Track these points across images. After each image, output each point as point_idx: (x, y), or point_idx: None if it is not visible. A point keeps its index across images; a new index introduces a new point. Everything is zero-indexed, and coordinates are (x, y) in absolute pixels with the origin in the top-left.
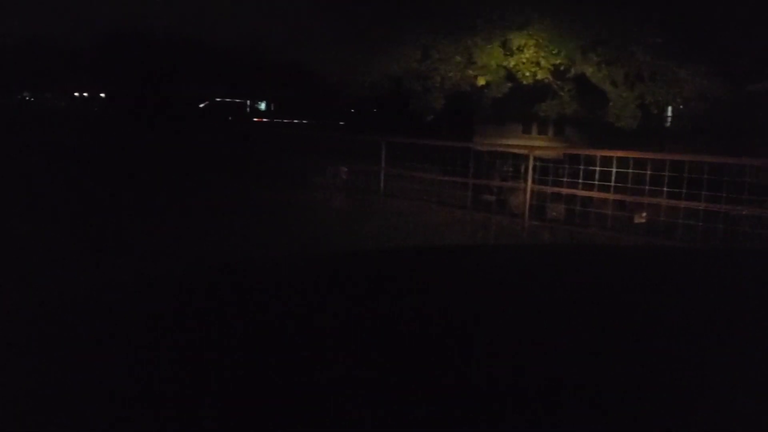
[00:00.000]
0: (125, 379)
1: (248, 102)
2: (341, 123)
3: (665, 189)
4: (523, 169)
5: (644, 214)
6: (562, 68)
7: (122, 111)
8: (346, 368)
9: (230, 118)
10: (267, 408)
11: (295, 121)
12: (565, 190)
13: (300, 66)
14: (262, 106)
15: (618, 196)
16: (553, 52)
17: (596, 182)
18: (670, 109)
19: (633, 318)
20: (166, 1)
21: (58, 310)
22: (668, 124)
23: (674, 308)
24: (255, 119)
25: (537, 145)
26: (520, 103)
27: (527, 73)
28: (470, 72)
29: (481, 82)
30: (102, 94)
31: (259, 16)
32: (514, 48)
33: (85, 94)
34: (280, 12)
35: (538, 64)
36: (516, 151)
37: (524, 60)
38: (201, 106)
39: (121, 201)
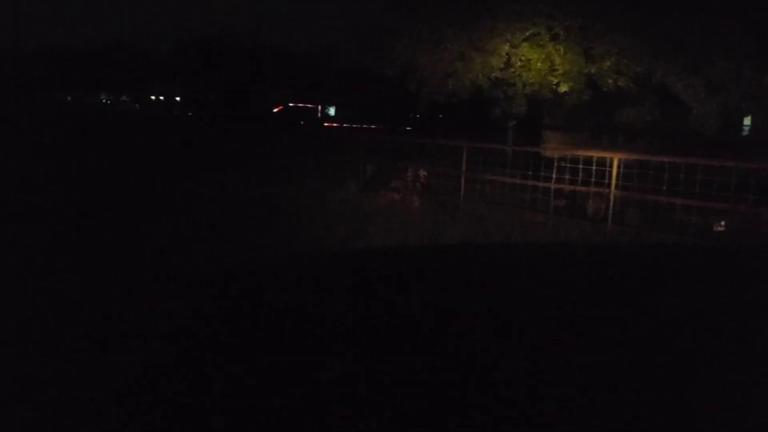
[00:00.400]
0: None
1: (319, 107)
2: (408, 128)
3: (750, 197)
4: (605, 175)
5: (723, 223)
6: (643, 75)
7: (199, 115)
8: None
9: (302, 122)
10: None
11: (364, 125)
12: (648, 197)
13: (369, 72)
14: (332, 111)
15: (699, 203)
16: (635, 59)
17: (671, 188)
18: (748, 118)
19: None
20: (241, 10)
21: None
22: (746, 132)
23: None
24: (326, 124)
25: (608, 151)
26: (594, 110)
27: (609, 80)
28: (552, 78)
29: (563, 89)
30: (177, 98)
31: (333, 25)
32: (597, 56)
33: (161, 98)
34: (354, 18)
35: (619, 71)
36: (596, 156)
37: (606, 67)
38: (275, 111)
39: (231, 200)
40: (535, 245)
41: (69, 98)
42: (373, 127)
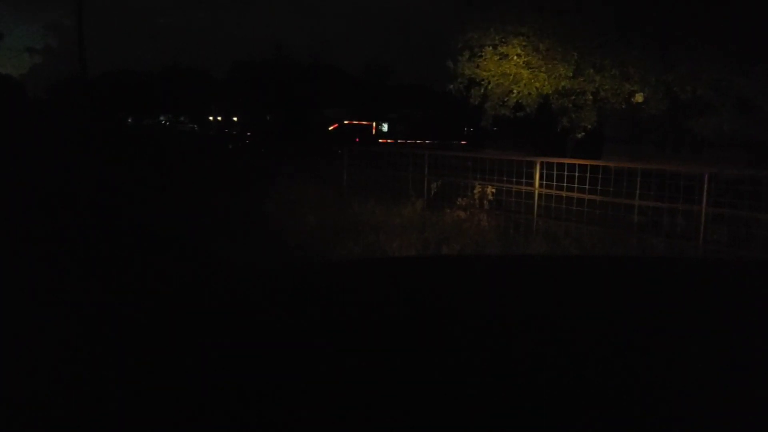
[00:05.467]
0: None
1: (374, 124)
2: (462, 142)
3: None
4: (692, 190)
5: None
6: (723, 83)
7: (258, 134)
8: None
9: (357, 139)
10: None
11: (417, 141)
12: (744, 213)
13: (421, 88)
14: (385, 127)
15: None
16: (714, 66)
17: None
18: None
19: None
20: (296, 30)
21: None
22: None
23: None
24: (380, 140)
25: (690, 164)
26: (660, 122)
27: (687, 88)
28: (627, 87)
29: (638, 99)
30: (234, 118)
31: (386, 42)
32: (674, 61)
33: (218, 118)
34: (410, 35)
35: (698, 78)
36: (684, 170)
37: (683, 73)
38: (330, 129)
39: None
40: (631, 259)
41: (130, 120)
42: (427, 141)
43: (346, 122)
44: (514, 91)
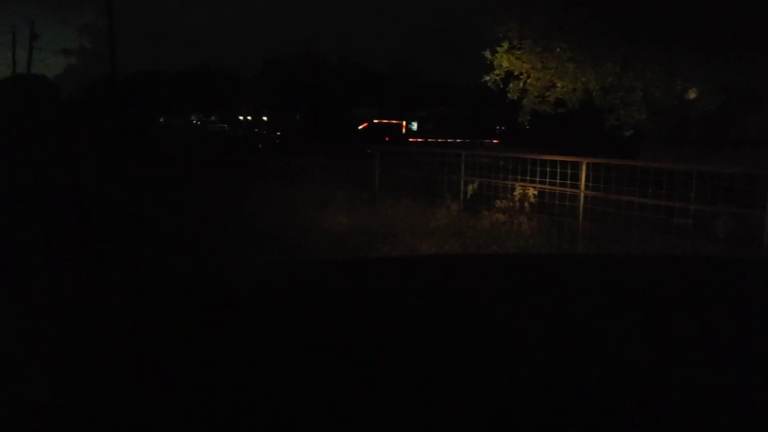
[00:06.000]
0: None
1: (404, 122)
2: (495, 141)
3: None
4: (753, 193)
5: None
6: None
7: (288, 133)
8: None
9: (387, 138)
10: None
11: (448, 140)
12: None
13: (451, 86)
14: (414, 125)
15: None
16: None
17: None
18: None
19: None
20: (324, 28)
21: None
22: None
23: None
24: (410, 139)
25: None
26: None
27: (742, 80)
28: (679, 82)
29: (692, 95)
30: (264, 118)
31: (415, 39)
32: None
33: (248, 118)
34: (442, 30)
35: (752, 69)
36: (735, 172)
37: (738, 65)
38: (360, 128)
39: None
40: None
41: (161, 119)
42: (457, 140)
43: (375, 121)
44: (558, 85)
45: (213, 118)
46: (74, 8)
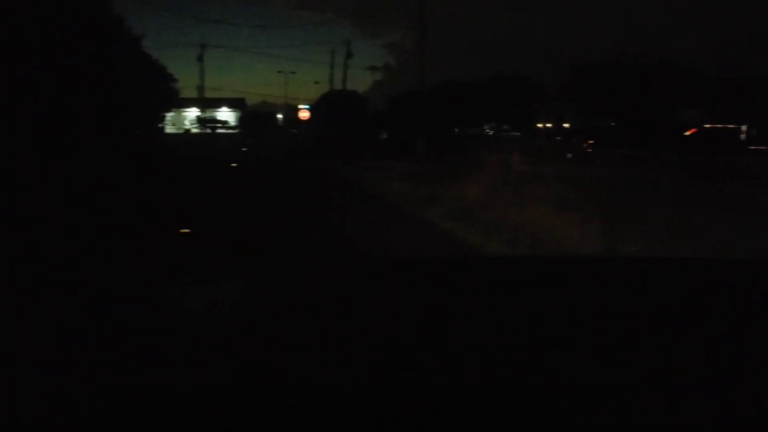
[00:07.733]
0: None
1: (743, 128)
2: None
3: None
4: None
5: None
6: None
7: (599, 140)
8: None
9: (718, 146)
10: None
11: None
12: None
13: None
14: (753, 131)
15: None
16: None
17: None
18: None
19: None
20: (633, 29)
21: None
22: None
23: None
24: (751, 147)
25: None
26: None
27: None
28: None
29: None
30: (565, 124)
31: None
32: None
33: (548, 125)
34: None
35: None
36: None
37: None
38: (686, 134)
39: None
40: None
41: (456, 130)
42: None
43: (707, 126)
44: None
45: (506, 126)
46: (381, 28)
